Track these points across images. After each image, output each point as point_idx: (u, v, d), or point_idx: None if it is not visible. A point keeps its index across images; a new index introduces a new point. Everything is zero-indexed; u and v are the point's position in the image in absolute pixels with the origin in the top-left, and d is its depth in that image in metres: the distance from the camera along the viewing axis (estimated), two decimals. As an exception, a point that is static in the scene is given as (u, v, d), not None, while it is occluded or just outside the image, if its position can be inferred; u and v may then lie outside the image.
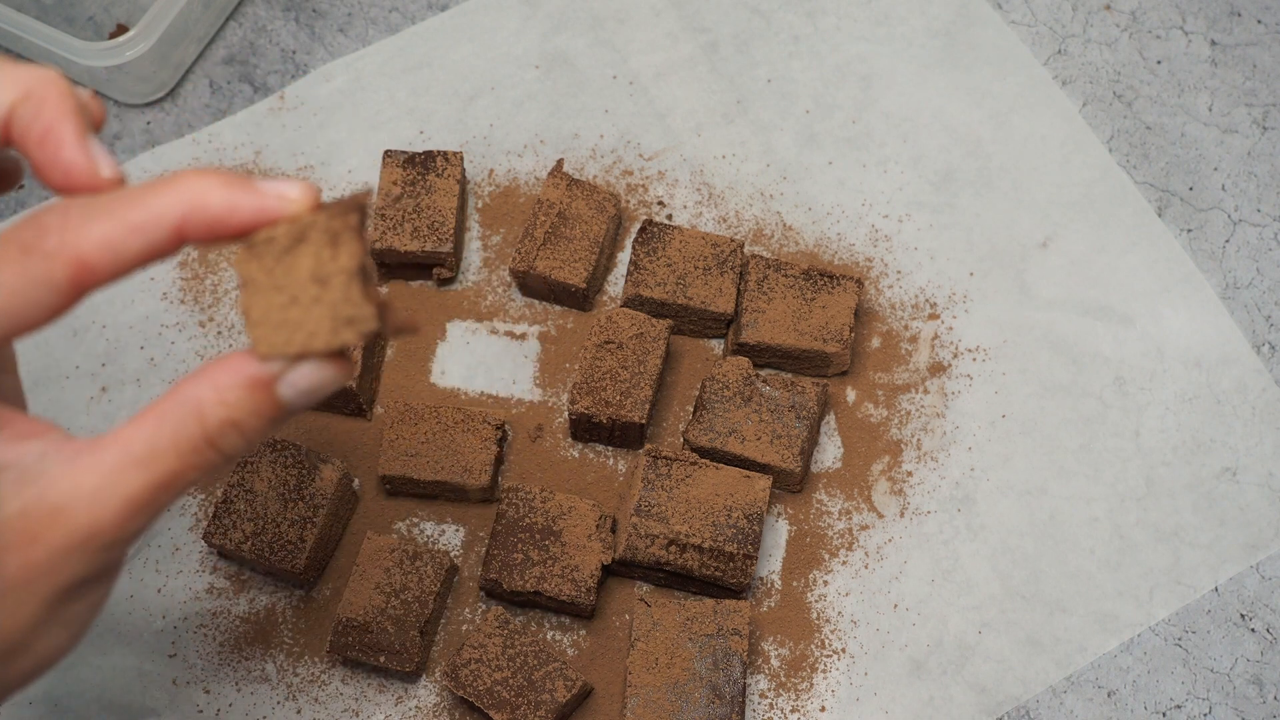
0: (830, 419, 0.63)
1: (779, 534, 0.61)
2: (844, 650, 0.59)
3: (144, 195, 0.32)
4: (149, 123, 0.69)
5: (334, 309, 0.32)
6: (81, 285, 0.32)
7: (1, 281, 0.31)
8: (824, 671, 0.58)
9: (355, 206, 0.32)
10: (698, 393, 0.61)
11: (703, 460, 0.58)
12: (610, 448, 0.62)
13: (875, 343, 0.65)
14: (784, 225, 0.67)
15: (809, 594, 0.60)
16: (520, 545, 0.57)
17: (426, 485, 0.60)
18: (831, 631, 0.59)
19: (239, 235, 0.33)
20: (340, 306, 0.32)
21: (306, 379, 0.33)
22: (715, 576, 0.57)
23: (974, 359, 0.64)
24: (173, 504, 0.36)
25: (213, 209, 0.32)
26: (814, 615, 0.59)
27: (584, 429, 0.61)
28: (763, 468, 0.59)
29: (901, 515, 0.61)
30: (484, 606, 0.59)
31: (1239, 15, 0.72)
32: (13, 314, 0.32)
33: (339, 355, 0.34)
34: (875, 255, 0.67)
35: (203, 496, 0.61)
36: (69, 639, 0.35)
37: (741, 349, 0.62)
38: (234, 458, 0.34)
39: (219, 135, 0.68)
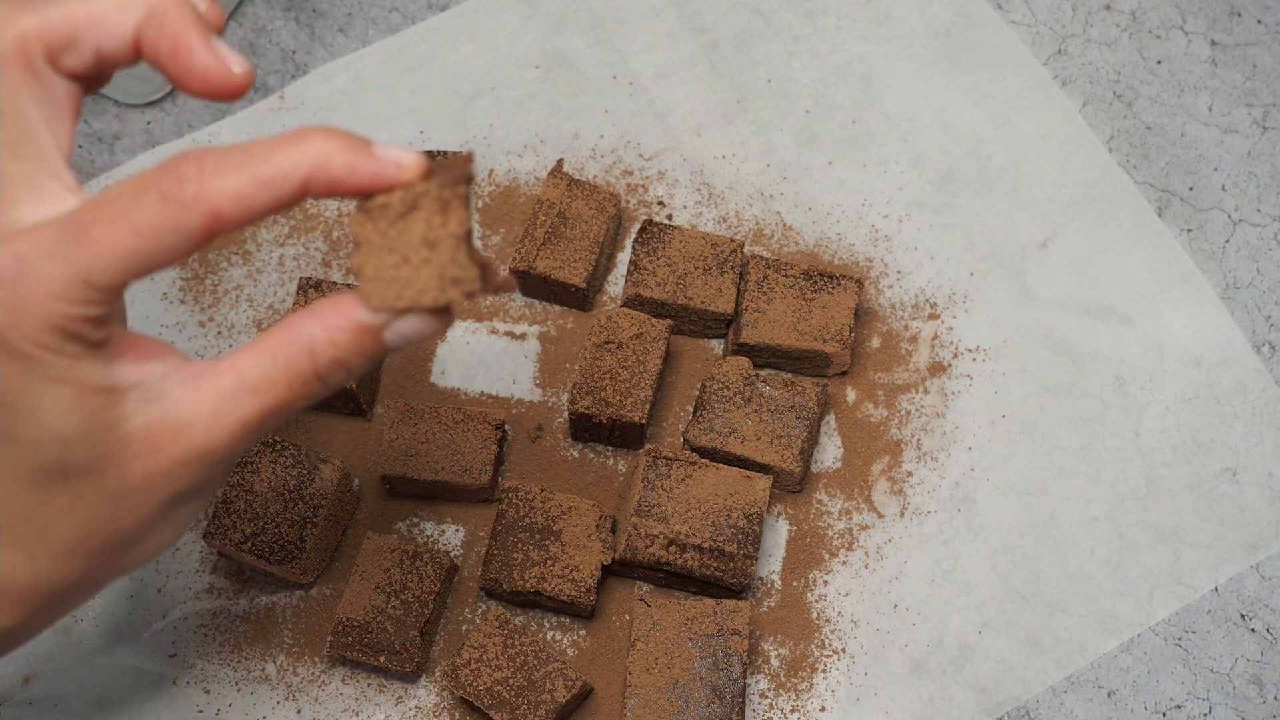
0: (830, 419, 0.63)
1: (779, 534, 0.61)
2: (844, 650, 0.59)
3: (274, 152, 0.35)
4: (149, 123, 0.69)
5: (442, 270, 0.36)
6: (212, 232, 0.35)
7: (141, 226, 0.34)
8: (824, 671, 0.58)
9: (464, 177, 0.36)
10: (698, 393, 0.61)
11: (703, 460, 0.58)
12: (610, 448, 0.62)
13: (875, 343, 0.65)
14: (784, 225, 0.67)
15: (809, 594, 0.60)
16: (520, 545, 0.57)
17: (426, 485, 0.60)
18: (831, 631, 0.59)
19: (354, 194, 0.37)
20: (448, 268, 0.36)
21: (412, 328, 0.37)
22: (715, 576, 0.57)
23: (974, 359, 0.64)
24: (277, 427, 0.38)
25: (334, 170, 0.36)
26: (814, 615, 0.59)
27: (584, 429, 0.61)
28: (763, 468, 0.59)
29: (901, 515, 0.61)
30: (484, 606, 0.59)
31: (1239, 15, 0.72)
32: (149, 256, 0.35)
33: (443, 308, 0.37)
34: (875, 255, 0.67)
35: (203, 496, 0.61)
36: (174, 535, 0.40)
37: (741, 349, 0.62)
38: (336, 389, 0.38)
39: (219, 135, 0.68)
